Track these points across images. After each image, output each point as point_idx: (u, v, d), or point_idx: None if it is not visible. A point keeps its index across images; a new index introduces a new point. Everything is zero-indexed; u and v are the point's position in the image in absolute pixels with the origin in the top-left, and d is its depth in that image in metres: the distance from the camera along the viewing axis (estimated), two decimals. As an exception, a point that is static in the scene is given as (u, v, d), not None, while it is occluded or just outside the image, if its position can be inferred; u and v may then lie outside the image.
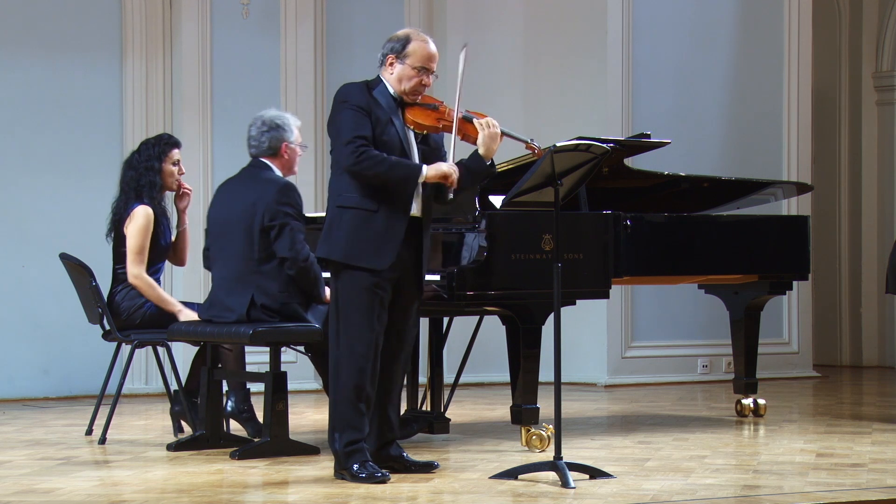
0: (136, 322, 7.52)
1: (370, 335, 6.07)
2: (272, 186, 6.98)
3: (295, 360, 9.18)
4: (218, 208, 7.18)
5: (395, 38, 6.24)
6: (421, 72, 6.18)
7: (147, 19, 10.36)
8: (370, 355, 6.07)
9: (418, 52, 6.18)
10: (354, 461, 6.06)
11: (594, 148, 6.21)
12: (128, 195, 7.61)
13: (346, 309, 6.08)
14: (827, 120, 12.92)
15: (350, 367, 6.06)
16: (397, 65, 6.18)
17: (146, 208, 7.53)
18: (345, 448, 6.07)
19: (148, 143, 7.76)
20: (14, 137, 10.03)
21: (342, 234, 6.10)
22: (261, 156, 7.16)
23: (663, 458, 6.84)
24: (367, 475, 6.01)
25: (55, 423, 8.51)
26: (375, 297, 6.08)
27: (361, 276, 6.06)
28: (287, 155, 7.16)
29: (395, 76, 6.19)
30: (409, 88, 6.19)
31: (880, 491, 5.85)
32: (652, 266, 7.76)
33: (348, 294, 6.08)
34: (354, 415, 6.08)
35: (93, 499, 5.70)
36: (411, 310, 6.30)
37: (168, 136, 7.86)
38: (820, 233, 12.47)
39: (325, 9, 10.76)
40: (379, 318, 6.09)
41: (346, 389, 6.07)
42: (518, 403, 7.07)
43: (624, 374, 10.91)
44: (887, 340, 12.76)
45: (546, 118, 11.08)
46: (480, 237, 6.92)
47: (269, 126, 7.15)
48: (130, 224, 7.52)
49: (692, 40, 11.29)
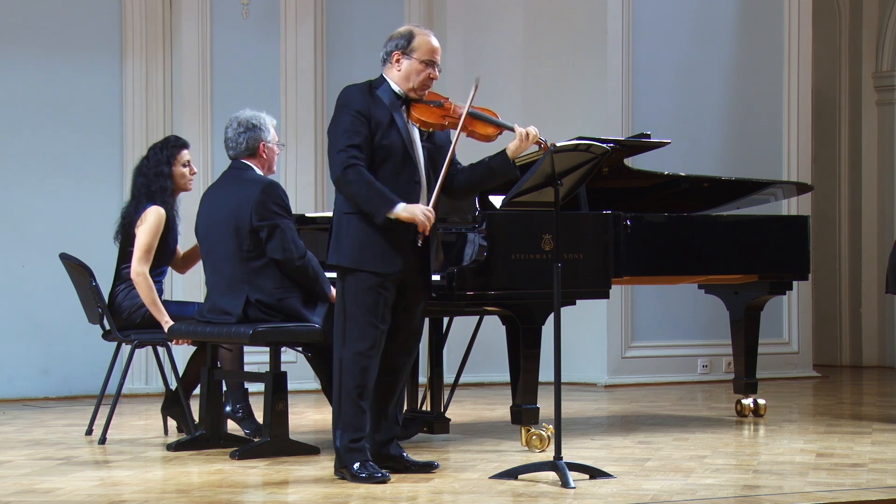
0: (136, 322, 7.52)
1: (374, 334, 6.07)
2: (256, 186, 6.97)
3: (295, 360, 9.18)
4: (204, 215, 7.16)
5: (398, 34, 6.22)
6: (429, 65, 6.17)
7: (147, 19, 10.36)
8: (373, 354, 6.08)
9: (424, 45, 6.17)
10: (355, 460, 6.06)
11: (594, 148, 6.21)
12: (139, 201, 7.59)
13: (350, 308, 6.08)
14: (827, 120, 12.92)
15: (353, 365, 6.06)
16: (404, 61, 6.16)
17: (159, 209, 7.52)
18: (346, 446, 6.07)
19: (156, 148, 7.73)
20: (14, 137, 10.03)
21: (350, 241, 6.10)
22: (240, 157, 7.16)
23: (663, 458, 6.84)
24: (368, 475, 6.01)
25: (55, 423, 8.51)
26: (380, 296, 6.08)
27: (366, 276, 6.07)
28: (265, 154, 7.17)
29: (402, 73, 6.16)
30: (417, 84, 6.17)
31: (880, 491, 5.85)
32: (652, 266, 7.76)
33: (353, 294, 6.08)
34: (356, 413, 6.08)
35: (93, 499, 5.70)
36: (416, 310, 6.30)
37: (175, 138, 7.84)
38: (820, 233, 12.47)
39: (325, 9, 10.76)
40: (383, 318, 6.10)
41: (349, 388, 6.07)
42: (518, 403, 7.07)
43: (624, 374, 10.91)
44: (887, 340, 12.76)
45: (546, 118, 11.06)
46: (480, 237, 6.92)
47: (245, 127, 7.15)
48: (142, 223, 7.51)
49: (692, 40, 11.29)
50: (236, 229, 6.96)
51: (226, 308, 6.96)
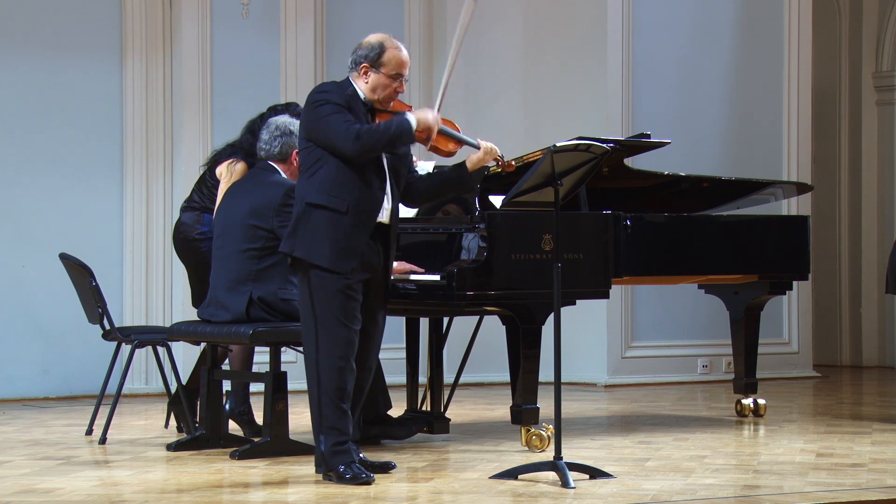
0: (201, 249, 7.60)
1: (347, 334, 6.06)
2: (280, 189, 6.98)
3: (295, 360, 9.17)
4: (223, 210, 7.20)
5: (368, 45, 6.18)
6: (396, 79, 6.17)
7: (147, 19, 10.36)
8: (348, 355, 6.07)
9: (393, 60, 6.15)
10: (340, 462, 6.05)
11: (594, 148, 6.22)
12: (236, 150, 7.60)
13: (320, 312, 6.06)
14: (827, 120, 12.91)
15: (329, 368, 6.05)
16: (371, 74, 6.15)
17: (246, 165, 7.52)
18: (330, 449, 6.06)
19: (276, 110, 7.66)
20: (14, 137, 10.03)
21: (307, 233, 6.08)
22: (270, 159, 7.16)
23: (663, 458, 6.85)
24: (353, 476, 6.00)
25: (55, 423, 8.51)
26: (349, 298, 6.06)
27: (332, 278, 6.04)
28: (295, 162, 7.15)
29: (369, 85, 6.16)
30: (383, 97, 6.18)
31: (880, 491, 5.85)
32: (652, 266, 7.76)
33: (321, 297, 6.05)
34: (338, 416, 6.07)
35: (93, 499, 5.70)
36: (378, 315, 6.28)
37: (296, 105, 7.71)
38: (820, 233, 12.47)
39: (325, 9, 10.77)
40: (354, 318, 6.08)
41: (328, 391, 6.06)
42: (518, 403, 7.07)
43: (624, 374, 10.91)
44: (887, 340, 12.76)
45: (546, 118, 11.08)
46: (480, 237, 6.92)
47: (282, 131, 7.14)
48: (230, 176, 7.50)
49: (692, 40, 11.29)
50: (251, 229, 6.97)
51: (227, 304, 6.96)
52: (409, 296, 7.06)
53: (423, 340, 7.76)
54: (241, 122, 7.85)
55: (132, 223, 10.24)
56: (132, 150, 10.27)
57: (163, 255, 10.24)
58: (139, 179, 10.28)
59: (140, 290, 10.23)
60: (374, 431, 7.24)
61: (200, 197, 7.73)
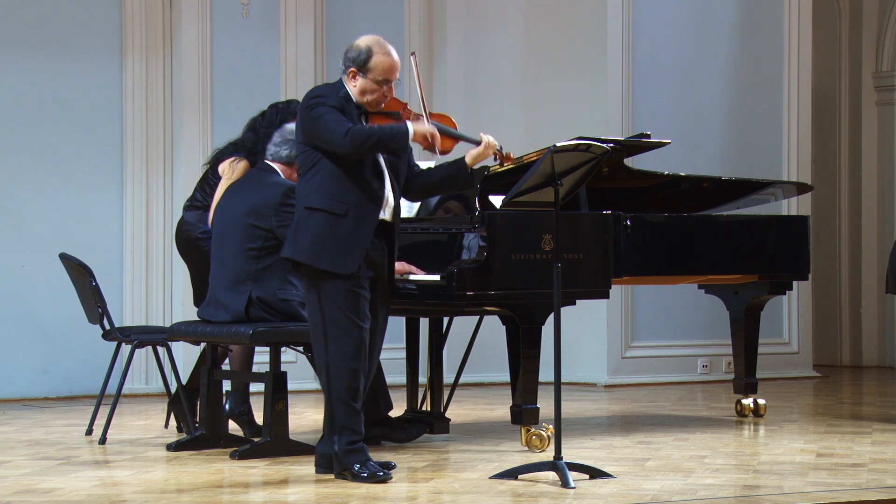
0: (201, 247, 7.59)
1: (358, 334, 6.07)
2: (278, 189, 6.99)
3: (295, 360, 9.19)
4: (221, 209, 7.21)
5: (357, 49, 6.17)
6: (384, 84, 6.16)
7: (147, 19, 10.36)
8: (359, 355, 6.07)
9: (380, 66, 6.14)
10: (355, 461, 6.06)
11: (594, 148, 6.22)
12: (237, 148, 7.60)
13: (330, 313, 6.06)
14: (827, 120, 12.91)
15: (341, 369, 6.06)
16: (360, 78, 6.15)
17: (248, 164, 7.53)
18: (344, 449, 6.07)
19: (277, 108, 7.68)
20: (14, 137, 10.03)
21: (308, 237, 6.09)
22: (275, 161, 7.17)
23: (663, 458, 6.85)
24: (369, 474, 6.02)
25: (55, 423, 8.51)
26: (358, 296, 6.07)
27: (339, 279, 6.04)
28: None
29: (357, 89, 6.17)
30: (372, 101, 6.18)
31: (880, 491, 5.85)
32: (652, 266, 7.76)
33: (330, 299, 6.05)
34: (350, 416, 6.08)
35: (93, 499, 5.70)
36: (380, 314, 6.29)
37: (297, 102, 7.72)
38: (820, 233, 12.47)
39: (325, 9, 10.77)
40: (365, 317, 6.09)
41: (340, 392, 6.07)
42: (518, 403, 7.07)
43: (624, 374, 10.91)
44: (887, 340, 12.76)
45: (546, 118, 11.08)
46: (480, 237, 6.92)
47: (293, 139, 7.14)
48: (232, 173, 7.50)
49: (692, 40, 11.29)
50: (250, 228, 6.98)
51: (226, 303, 6.97)
52: (409, 296, 7.06)
53: (423, 340, 7.76)
54: (241, 121, 7.85)
55: (132, 223, 10.25)
56: (132, 150, 10.27)
57: (163, 255, 10.24)
58: (139, 179, 10.28)
59: (140, 290, 10.23)
60: (374, 432, 7.24)
61: (203, 196, 7.73)
